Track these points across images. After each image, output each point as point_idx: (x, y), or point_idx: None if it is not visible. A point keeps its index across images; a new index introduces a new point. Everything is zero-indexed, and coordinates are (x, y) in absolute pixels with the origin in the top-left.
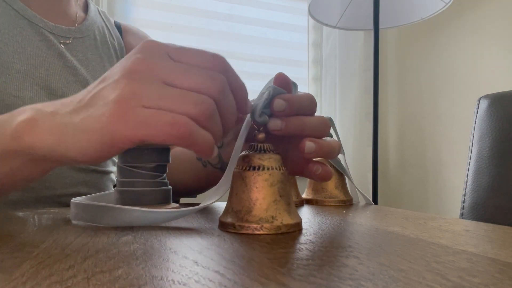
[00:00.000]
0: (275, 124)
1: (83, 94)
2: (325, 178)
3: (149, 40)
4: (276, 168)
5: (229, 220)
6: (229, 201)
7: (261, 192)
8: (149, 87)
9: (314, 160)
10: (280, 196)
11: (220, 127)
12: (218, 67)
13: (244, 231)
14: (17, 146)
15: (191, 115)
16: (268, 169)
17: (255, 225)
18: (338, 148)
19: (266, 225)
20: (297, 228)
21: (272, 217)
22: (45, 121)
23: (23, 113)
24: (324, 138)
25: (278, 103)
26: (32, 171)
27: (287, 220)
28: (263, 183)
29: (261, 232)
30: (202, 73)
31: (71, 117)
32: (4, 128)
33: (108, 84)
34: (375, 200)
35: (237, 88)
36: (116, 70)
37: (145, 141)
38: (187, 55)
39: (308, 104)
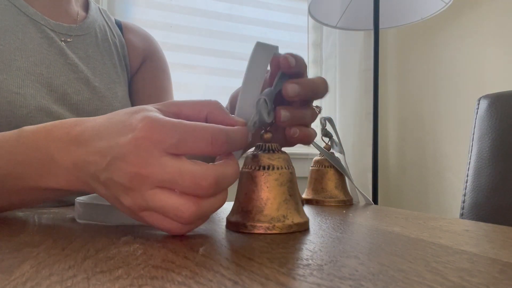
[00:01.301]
0: (293, 88)
1: (96, 165)
2: (304, 140)
3: (143, 137)
4: (285, 168)
5: (239, 220)
6: (238, 201)
7: (272, 191)
8: (144, 199)
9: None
10: (290, 195)
11: (208, 216)
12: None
13: (256, 231)
14: (60, 191)
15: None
16: (278, 168)
17: (267, 225)
18: (320, 86)
19: (278, 224)
20: (306, 227)
21: (284, 216)
22: (83, 185)
23: (53, 174)
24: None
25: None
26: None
27: (297, 219)
28: (273, 182)
29: (273, 231)
30: (191, 177)
31: (96, 184)
32: (35, 179)
33: (116, 184)
34: (375, 200)
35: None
36: (120, 167)
37: None
38: (186, 147)
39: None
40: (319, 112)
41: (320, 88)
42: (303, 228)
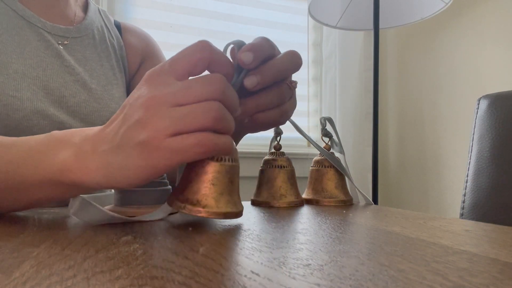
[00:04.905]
0: (251, 81)
1: (111, 133)
2: (275, 123)
3: (150, 72)
4: (216, 160)
5: (176, 194)
6: None
7: (196, 177)
8: (165, 118)
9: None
10: (212, 184)
11: (233, 121)
12: (205, 57)
13: (173, 205)
14: (65, 180)
15: (207, 127)
16: (209, 158)
17: (180, 204)
18: (286, 63)
19: (189, 206)
20: (221, 217)
21: (198, 201)
22: (89, 160)
23: (63, 149)
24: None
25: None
26: (66, 196)
27: (212, 207)
28: (200, 170)
29: (184, 211)
30: (201, 82)
31: (111, 156)
32: (44, 160)
33: (132, 125)
34: (375, 200)
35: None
36: (133, 109)
37: (179, 165)
38: (180, 66)
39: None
40: (295, 86)
41: (287, 65)
42: (214, 217)
